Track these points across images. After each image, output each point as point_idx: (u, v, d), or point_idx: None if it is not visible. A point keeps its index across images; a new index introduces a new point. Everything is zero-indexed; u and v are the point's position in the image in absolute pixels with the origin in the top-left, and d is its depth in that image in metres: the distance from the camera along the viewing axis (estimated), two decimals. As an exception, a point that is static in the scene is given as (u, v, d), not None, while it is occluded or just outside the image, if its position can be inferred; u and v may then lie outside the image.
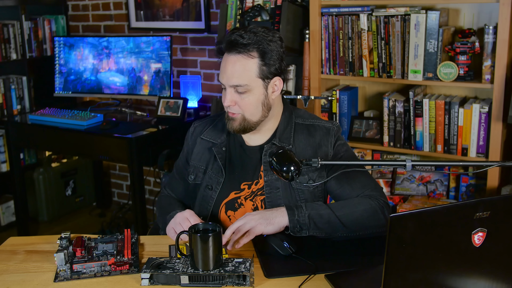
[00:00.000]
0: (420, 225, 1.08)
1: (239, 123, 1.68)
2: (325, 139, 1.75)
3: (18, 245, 1.63)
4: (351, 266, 1.45)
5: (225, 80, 1.65)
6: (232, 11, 2.91)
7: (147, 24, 3.64)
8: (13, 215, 3.69)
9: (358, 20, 2.62)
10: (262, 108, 1.68)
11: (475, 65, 2.47)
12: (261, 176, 1.74)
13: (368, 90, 2.90)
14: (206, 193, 1.77)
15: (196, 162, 1.81)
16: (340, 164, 1.67)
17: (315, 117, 1.82)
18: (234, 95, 1.65)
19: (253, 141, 1.77)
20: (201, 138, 1.82)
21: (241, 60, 1.62)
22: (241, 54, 1.61)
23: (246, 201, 1.74)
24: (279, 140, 1.73)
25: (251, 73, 1.62)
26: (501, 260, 1.17)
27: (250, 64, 1.62)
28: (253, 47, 1.61)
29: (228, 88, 1.65)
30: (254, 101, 1.66)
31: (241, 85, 1.62)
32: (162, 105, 3.23)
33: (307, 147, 1.74)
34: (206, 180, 1.78)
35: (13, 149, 3.47)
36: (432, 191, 2.70)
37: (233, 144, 1.79)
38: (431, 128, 2.54)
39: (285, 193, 1.71)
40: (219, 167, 1.76)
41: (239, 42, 1.60)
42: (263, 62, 1.62)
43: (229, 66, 1.63)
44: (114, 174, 4.18)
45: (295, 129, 1.76)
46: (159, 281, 1.38)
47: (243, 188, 1.75)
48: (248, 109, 1.66)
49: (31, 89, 3.70)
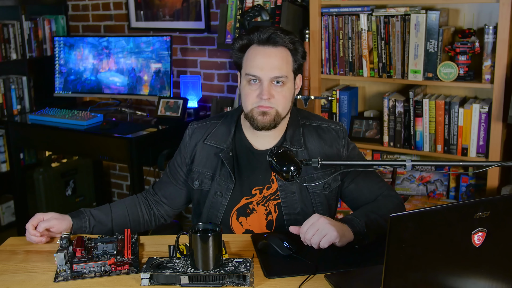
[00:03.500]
0: (420, 225, 1.08)
1: (273, 118, 1.64)
2: (336, 142, 1.75)
3: (18, 245, 1.63)
4: (351, 266, 1.45)
5: (264, 72, 1.61)
6: (232, 11, 2.91)
7: (147, 24, 3.64)
8: (13, 215, 3.69)
9: (358, 20, 2.62)
10: (290, 103, 1.69)
11: (475, 65, 2.46)
12: (273, 180, 1.72)
13: (368, 90, 2.90)
14: (215, 200, 1.74)
15: (200, 168, 1.77)
16: (340, 164, 1.69)
17: (320, 117, 1.82)
18: (271, 88, 1.62)
19: (262, 145, 1.74)
20: (204, 143, 1.77)
21: (282, 52, 1.63)
22: (280, 46, 1.63)
23: (258, 206, 1.72)
24: (291, 144, 1.71)
25: (289, 66, 1.64)
26: (501, 260, 1.17)
27: (288, 57, 1.64)
28: (288, 42, 1.63)
29: (266, 81, 1.61)
30: (288, 95, 1.66)
31: (282, 76, 1.62)
32: (162, 105, 3.23)
33: (320, 150, 1.73)
34: (214, 186, 1.74)
35: (13, 149, 3.47)
36: (432, 191, 2.70)
37: (240, 148, 1.75)
38: (431, 128, 2.54)
39: (301, 197, 1.71)
40: (228, 173, 1.72)
41: (276, 37, 1.62)
42: (294, 57, 1.66)
43: (268, 58, 1.61)
44: (114, 174, 4.18)
45: (304, 131, 1.75)
46: (159, 281, 1.38)
47: (255, 193, 1.73)
48: (282, 103, 1.64)
49: (31, 89, 3.70)
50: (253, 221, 1.73)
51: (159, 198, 1.85)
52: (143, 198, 1.86)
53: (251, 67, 1.63)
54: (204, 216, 1.76)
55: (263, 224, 1.73)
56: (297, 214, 1.71)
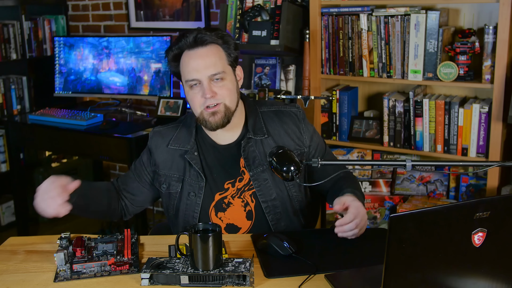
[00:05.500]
0: (420, 225, 1.08)
1: (223, 114, 1.67)
2: (296, 124, 1.80)
3: (18, 245, 1.63)
4: (351, 266, 1.45)
5: (200, 73, 1.64)
6: (232, 11, 2.91)
7: (147, 24, 3.64)
8: (13, 215, 3.69)
9: (358, 20, 2.62)
10: (236, 94, 1.72)
11: (475, 65, 2.46)
12: (244, 172, 1.75)
13: (368, 90, 2.90)
14: (190, 201, 1.76)
15: (166, 171, 1.79)
16: (340, 164, 1.70)
17: (276, 103, 1.87)
18: (212, 86, 1.66)
19: (224, 140, 1.77)
20: (168, 148, 1.79)
21: (212, 50, 1.66)
22: (209, 45, 1.66)
23: (234, 199, 1.75)
24: (253, 133, 1.75)
25: (223, 60, 1.68)
26: (501, 260, 1.17)
27: (220, 52, 1.68)
28: (216, 38, 1.67)
29: (205, 81, 1.65)
30: (231, 86, 1.70)
31: (219, 72, 1.65)
32: (162, 105, 3.23)
33: (283, 134, 1.78)
34: (187, 188, 1.76)
35: (13, 149, 3.47)
36: (432, 191, 2.70)
37: (204, 147, 1.78)
38: (431, 128, 2.54)
39: (274, 183, 1.74)
40: (197, 172, 1.75)
41: (202, 37, 1.66)
42: (227, 51, 1.69)
43: (201, 59, 1.65)
44: (114, 174, 4.18)
45: (264, 118, 1.79)
46: (159, 281, 1.38)
47: (227, 187, 1.75)
48: (228, 96, 1.67)
49: (31, 89, 3.70)
50: (232, 215, 1.75)
51: (121, 191, 1.85)
52: (114, 187, 1.86)
53: (187, 72, 1.67)
54: (181, 218, 1.78)
55: (243, 216, 1.75)
56: (274, 199, 1.74)
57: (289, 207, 1.77)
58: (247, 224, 1.76)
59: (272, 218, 1.74)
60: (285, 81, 2.96)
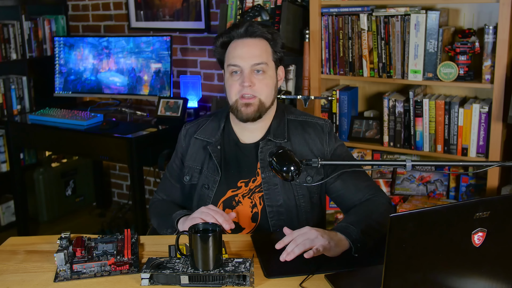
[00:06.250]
0: (420, 225, 1.07)
1: (257, 107, 1.69)
2: (320, 136, 1.78)
3: (18, 245, 1.63)
4: (351, 266, 1.45)
5: (244, 61, 1.68)
6: (232, 11, 2.91)
7: (147, 24, 3.64)
8: (13, 215, 3.69)
9: (358, 20, 2.62)
10: (274, 93, 1.74)
11: (475, 65, 2.46)
12: (258, 173, 1.75)
13: (368, 90, 2.90)
14: (203, 193, 1.78)
15: (191, 163, 1.82)
16: (340, 164, 1.69)
17: (307, 114, 1.86)
18: (253, 76, 1.68)
19: (247, 139, 1.79)
20: (195, 138, 1.82)
21: (260, 42, 1.71)
22: (258, 37, 1.71)
23: (244, 198, 1.75)
24: (274, 136, 1.75)
25: (268, 54, 1.72)
26: (501, 260, 1.17)
27: (266, 46, 1.72)
28: (266, 33, 1.71)
29: (247, 69, 1.68)
30: (270, 83, 1.72)
31: (262, 62, 1.68)
32: (162, 105, 3.23)
33: (303, 143, 1.77)
34: (202, 179, 1.78)
35: (13, 149, 3.47)
36: (432, 191, 2.70)
37: (228, 142, 1.80)
38: (431, 128, 2.54)
39: (283, 189, 1.73)
40: (215, 166, 1.76)
41: (253, 29, 1.70)
42: (274, 48, 1.73)
43: (248, 48, 1.69)
44: (114, 174, 4.18)
45: (288, 125, 1.79)
46: (159, 281, 1.38)
47: (240, 186, 1.76)
48: (265, 91, 1.70)
49: (31, 89, 3.70)
50: (239, 214, 1.75)
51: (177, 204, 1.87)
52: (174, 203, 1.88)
53: (232, 57, 1.70)
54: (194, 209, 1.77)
55: (248, 217, 1.75)
56: (279, 206, 1.73)
57: (295, 216, 1.75)
58: (251, 226, 1.75)
59: (274, 224, 1.73)
60: (285, 81, 2.96)
